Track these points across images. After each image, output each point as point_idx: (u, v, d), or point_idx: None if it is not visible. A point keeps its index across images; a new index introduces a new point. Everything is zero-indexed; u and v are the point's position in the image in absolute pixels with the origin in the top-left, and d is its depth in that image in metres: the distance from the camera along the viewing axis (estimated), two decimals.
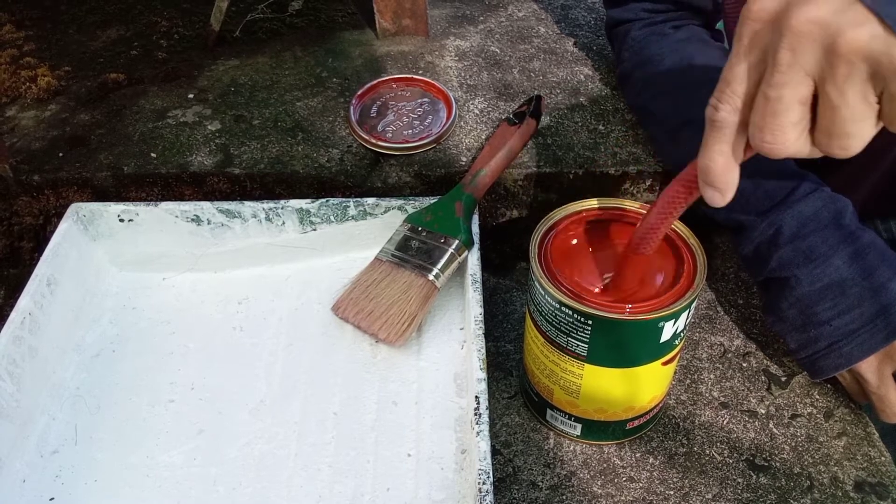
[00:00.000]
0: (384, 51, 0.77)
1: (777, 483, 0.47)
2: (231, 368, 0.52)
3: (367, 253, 0.57)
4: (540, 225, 0.45)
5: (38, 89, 0.71)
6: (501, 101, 0.69)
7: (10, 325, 0.48)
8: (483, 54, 0.76)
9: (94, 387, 0.51)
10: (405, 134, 0.64)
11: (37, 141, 0.66)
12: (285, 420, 0.49)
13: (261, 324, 0.55)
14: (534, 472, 0.48)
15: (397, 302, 0.52)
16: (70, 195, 0.63)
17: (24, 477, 0.46)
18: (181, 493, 0.45)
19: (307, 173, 0.62)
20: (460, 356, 0.52)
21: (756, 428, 0.50)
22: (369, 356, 0.53)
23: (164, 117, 0.68)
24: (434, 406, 0.49)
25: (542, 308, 0.43)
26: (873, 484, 0.47)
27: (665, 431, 0.50)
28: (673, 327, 0.41)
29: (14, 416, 0.47)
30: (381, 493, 0.45)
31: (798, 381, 0.53)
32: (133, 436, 0.48)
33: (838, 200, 0.50)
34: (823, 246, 0.48)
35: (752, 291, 0.60)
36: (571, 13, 0.84)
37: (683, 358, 0.55)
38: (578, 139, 0.64)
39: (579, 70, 0.74)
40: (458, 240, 0.52)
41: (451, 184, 0.60)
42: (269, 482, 0.46)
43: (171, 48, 0.79)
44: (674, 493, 0.47)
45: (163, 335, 0.55)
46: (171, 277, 0.59)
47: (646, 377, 0.44)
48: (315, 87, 0.72)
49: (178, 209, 0.56)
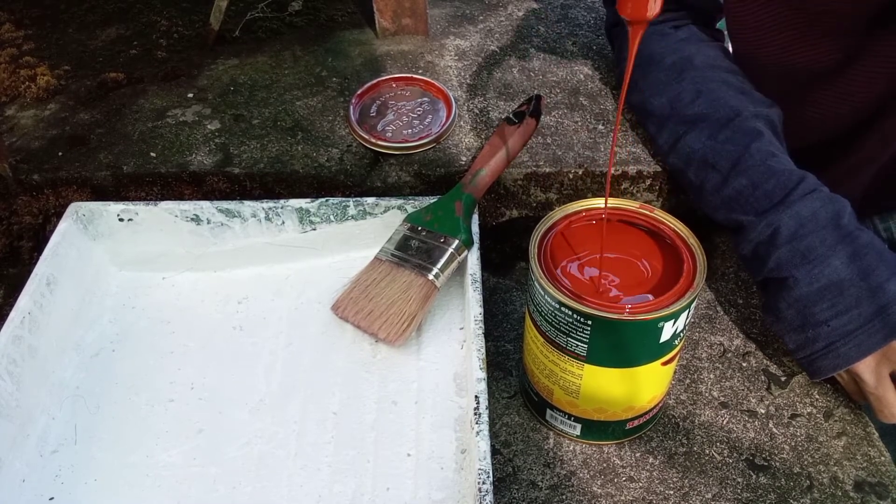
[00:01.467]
0: (384, 50, 0.77)
1: (777, 483, 0.47)
2: (231, 368, 0.52)
3: (366, 252, 0.57)
4: (540, 225, 0.45)
5: (38, 88, 0.71)
6: (501, 100, 0.69)
7: (9, 324, 0.48)
8: (483, 54, 0.76)
9: (94, 386, 0.51)
10: (405, 133, 0.64)
11: (36, 140, 0.66)
12: (285, 420, 0.49)
13: (261, 323, 0.55)
14: (533, 472, 0.48)
15: (397, 301, 0.52)
16: (69, 194, 0.62)
17: (24, 476, 0.46)
18: (181, 492, 0.45)
19: (307, 173, 0.62)
20: (460, 356, 0.52)
21: (756, 428, 0.50)
22: (369, 356, 0.53)
23: (163, 117, 0.68)
24: (434, 406, 0.49)
25: (542, 308, 0.43)
26: (873, 484, 0.47)
27: (665, 431, 0.50)
28: (673, 327, 0.41)
29: (14, 415, 0.47)
30: (381, 492, 0.45)
31: (798, 380, 0.53)
32: (133, 435, 0.48)
33: (837, 201, 0.50)
34: (822, 246, 0.48)
35: (752, 291, 0.60)
36: (571, 12, 0.84)
37: (683, 358, 0.55)
38: (578, 139, 0.64)
39: (579, 70, 0.74)
40: (458, 239, 0.52)
41: (450, 183, 0.60)
42: (269, 482, 0.46)
43: (170, 47, 0.79)
44: (673, 492, 0.47)
45: (162, 334, 0.55)
46: (171, 277, 0.59)
47: (645, 377, 0.44)
48: (315, 87, 0.72)
49: (178, 209, 0.56)
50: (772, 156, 0.52)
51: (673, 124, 0.58)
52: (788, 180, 0.51)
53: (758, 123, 0.54)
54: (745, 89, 0.58)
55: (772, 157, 0.52)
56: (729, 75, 0.59)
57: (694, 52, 0.61)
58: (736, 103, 0.56)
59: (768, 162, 0.52)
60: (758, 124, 0.54)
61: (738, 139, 0.54)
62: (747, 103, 0.56)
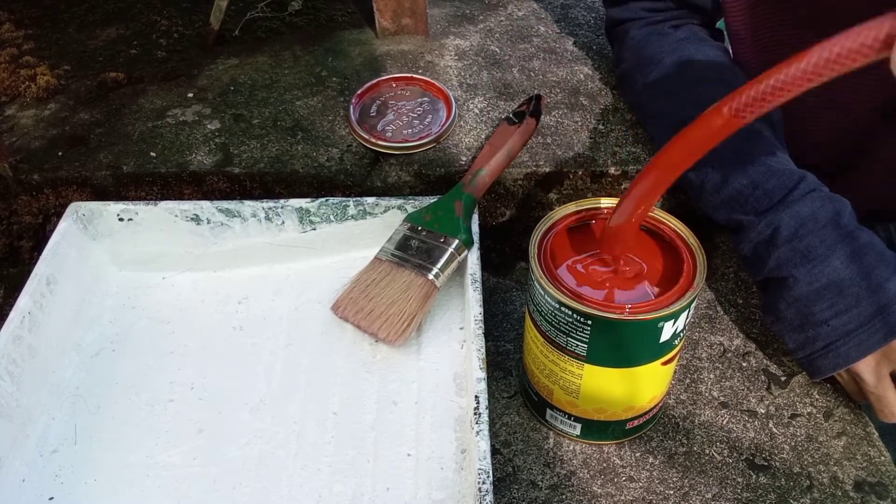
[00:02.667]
0: (384, 50, 0.77)
1: (777, 483, 0.47)
2: (231, 368, 0.52)
3: (366, 252, 0.57)
4: (540, 225, 0.45)
5: (38, 88, 0.71)
6: (501, 100, 0.69)
7: (9, 324, 0.48)
8: (483, 53, 0.76)
9: (94, 386, 0.51)
10: (405, 133, 0.64)
11: (36, 140, 0.66)
12: (285, 420, 0.49)
13: (260, 323, 0.55)
14: (533, 472, 0.48)
15: (397, 301, 0.52)
16: (69, 194, 0.62)
17: (24, 476, 0.46)
18: (181, 492, 0.45)
19: (307, 172, 0.62)
20: (460, 356, 0.52)
21: (756, 428, 0.50)
22: (369, 356, 0.53)
23: (163, 116, 0.68)
24: (434, 406, 0.49)
25: (542, 308, 0.43)
26: (873, 483, 0.47)
27: (665, 431, 0.50)
28: (673, 327, 0.41)
29: (14, 415, 0.47)
30: (381, 492, 0.45)
31: (798, 380, 0.53)
32: (133, 435, 0.48)
33: (836, 200, 0.50)
34: (821, 246, 0.48)
35: (752, 291, 0.60)
36: (571, 12, 0.84)
37: (683, 358, 0.55)
38: (578, 139, 0.64)
39: (579, 69, 0.74)
40: (458, 239, 0.52)
41: (450, 183, 0.60)
42: (269, 482, 0.46)
43: (170, 47, 0.79)
44: (673, 492, 0.47)
45: (162, 334, 0.55)
46: (171, 277, 0.59)
47: (645, 377, 0.44)
48: (315, 87, 0.72)
49: (178, 208, 0.56)
50: (771, 155, 0.52)
51: (672, 124, 0.58)
52: (788, 180, 0.51)
53: (758, 123, 0.54)
54: None
55: (771, 157, 0.52)
56: (729, 75, 0.59)
57: (694, 51, 0.61)
58: None
59: (768, 161, 0.52)
60: (758, 124, 0.54)
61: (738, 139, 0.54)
62: None
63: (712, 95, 0.57)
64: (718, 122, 0.35)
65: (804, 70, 0.32)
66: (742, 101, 0.34)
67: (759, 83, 0.33)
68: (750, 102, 0.34)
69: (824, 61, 0.31)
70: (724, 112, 0.35)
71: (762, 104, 0.34)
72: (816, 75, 0.32)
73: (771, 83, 0.33)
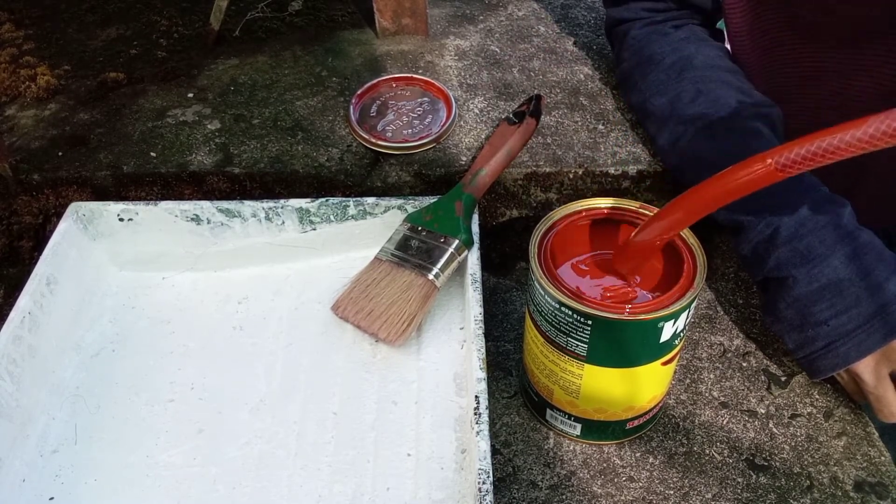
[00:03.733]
0: (384, 50, 0.77)
1: (777, 483, 0.47)
2: (231, 368, 0.52)
3: (366, 252, 0.57)
4: (540, 225, 0.45)
5: (38, 88, 0.71)
6: (501, 100, 0.69)
7: (9, 324, 0.48)
8: (483, 54, 0.76)
9: (94, 386, 0.51)
10: (405, 133, 0.64)
11: (36, 140, 0.66)
12: (285, 420, 0.49)
13: (260, 323, 0.55)
14: (533, 472, 0.48)
15: (397, 301, 0.52)
16: (69, 194, 0.62)
17: (24, 476, 0.46)
18: (181, 492, 0.45)
19: (307, 173, 0.62)
20: (460, 356, 0.52)
21: (756, 428, 0.50)
22: (369, 356, 0.53)
23: (163, 116, 0.68)
24: (434, 406, 0.49)
25: (542, 308, 0.43)
26: (873, 484, 0.47)
27: (665, 431, 0.50)
28: (673, 327, 0.41)
29: (14, 415, 0.47)
30: (381, 492, 0.45)
31: (798, 380, 0.53)
32: (133, 435, 0.48)
33: (836, 200, 0.50)
34: (821, 246, 0.48)
35: (752, 291, 0.60)
36: (571, 12, 0.84)
37: (683, 358, 0.55)
38: (578, 139, 0.64)
39: (579, 69, 0.74)
40: (458, 239, 0.52)
41: (450, 183, 0.60)
42: (269, 482, 0.46)
43: (170, 47, 0.79)
44: (674, 492, 0.47)
45: (162, 334, 0.55)
46: (171, 277, 0.59)
47: (645, 377, 0.44)
48: (315, 87, 0.72)
49: (178, 208, 0.56)
50: None
51: (673, 124, 0.58)
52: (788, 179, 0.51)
53: (758, 123, 0.54)
54: (745, 89, 0.58)
55: None
56: (729, 75, 0.59)
57: (694, 51, 0.61)
58: (736, 103, 0.56)
59: None
60: (758, 124, 0.54)
61: (737, 139, 0.54)
62: (747, 103, 0.56)
63: (713, 96, 0.58)
64: (760, 173, 0.35)
65: (859, 138, 0.31)
66: (790, 157, 0.34)
67: (811, 143, 0.33)
68: (798, 160, 0.34)
69: (881, 133, 0.31)
70: (769, 163, 0.34)
71: (809, 163, 0.33)
72: (871, 144, 0.31)
73: (823, 145, 0.32)
